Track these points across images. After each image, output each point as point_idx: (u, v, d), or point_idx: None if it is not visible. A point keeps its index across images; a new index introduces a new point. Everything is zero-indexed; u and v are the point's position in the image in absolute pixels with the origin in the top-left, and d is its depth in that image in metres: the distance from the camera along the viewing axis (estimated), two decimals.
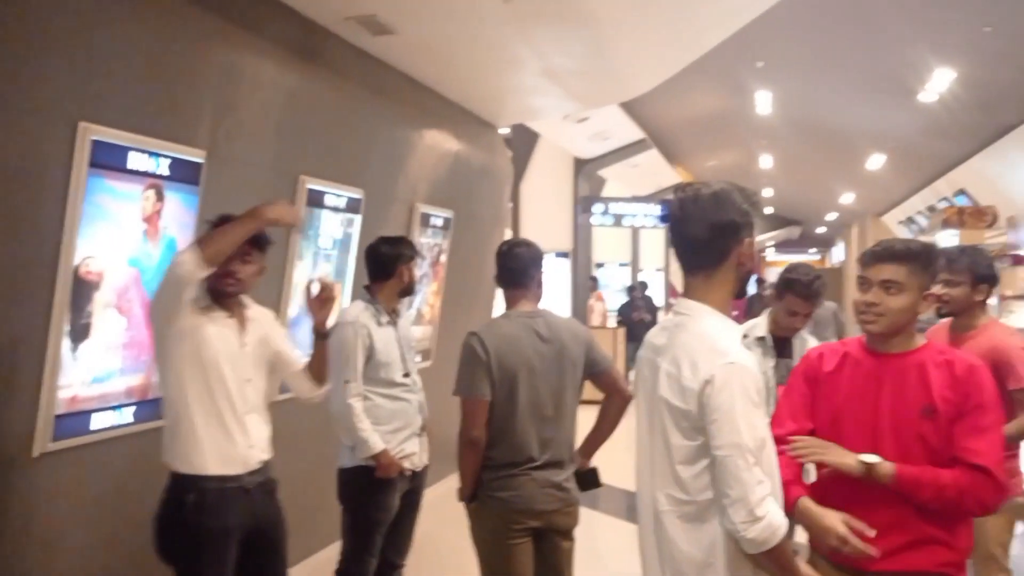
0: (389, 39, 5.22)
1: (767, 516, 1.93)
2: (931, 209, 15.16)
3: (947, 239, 10.32)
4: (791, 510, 2.39)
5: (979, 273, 3.55)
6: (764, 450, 2.00)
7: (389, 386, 3.91)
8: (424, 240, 6.56)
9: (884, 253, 2.38)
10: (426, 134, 6.44)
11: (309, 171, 4.87)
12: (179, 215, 3.91)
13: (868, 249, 2.44)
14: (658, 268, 21.84)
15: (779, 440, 2.45)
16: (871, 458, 2.30)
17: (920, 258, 2.36)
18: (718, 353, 2.00)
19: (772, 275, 32.07)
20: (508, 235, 11.25)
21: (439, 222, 6.74)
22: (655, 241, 21.41)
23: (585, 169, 13.04)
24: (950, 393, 2.29)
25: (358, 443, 3.79)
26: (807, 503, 2.35)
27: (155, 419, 3.90)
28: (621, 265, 15.62)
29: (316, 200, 4.96)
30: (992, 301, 10.02)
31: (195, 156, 3.94)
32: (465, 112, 7.17)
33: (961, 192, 12.93)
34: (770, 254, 34.31)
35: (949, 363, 2.33)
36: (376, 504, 3.85)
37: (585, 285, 13.61)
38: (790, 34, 8.56)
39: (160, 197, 3.77)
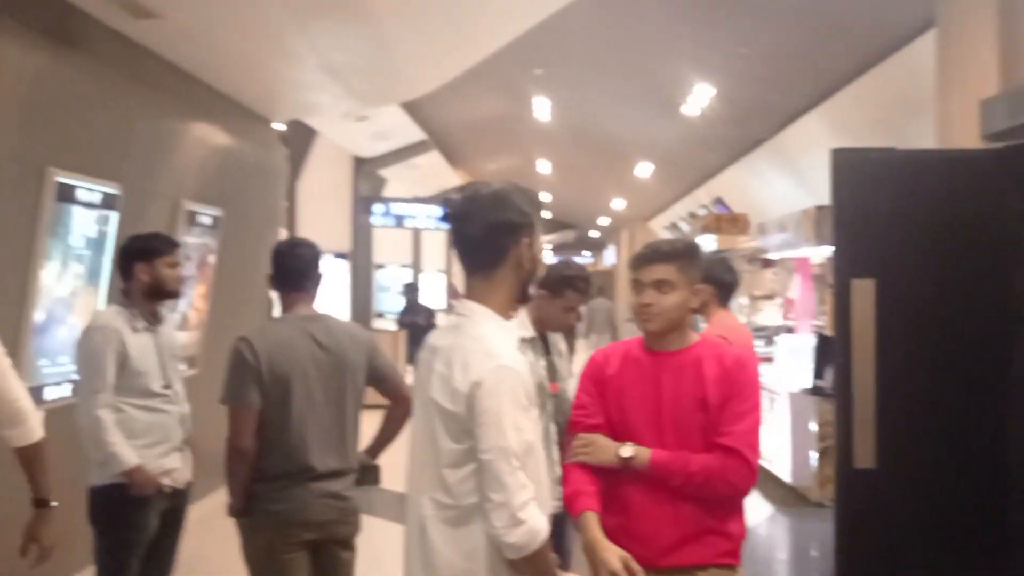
0: (152, 24, 4.86)
1: (528, 521, 1.94)
2: (692, 215, 16.24)
3: (706, 243, 11.09)
4: (574, 515, 2.44)
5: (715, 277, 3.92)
6: (531, 455, 2.00)
7: (145, 396, 3.54)
8: (191, 240, 6.17)
9: (653, 255, 2.44)
10: (193, 127, 6.07)
11: (58, 163, 4.43)
12: None
13: (637, 252, 2.51)
14: (440, 269, 21.99)
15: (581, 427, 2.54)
16: (627, 451, 2.38)
17: (686, 255, 2.45)
18: (489, 355, 1.98)
19: None
20: (283, 235, 10.89)
21: (207, 220, 6.36)
22: (437, 242, 21.54)
23: (365, 168, 12.87)
24: (720, 385, 2.40)
25: (108, 458, 3.42)
26: (592, 525, 2.37)
27: None
28: (402, 266, 15.54)
29: (66, 195, 4.51)
30: (744, 300, 10.88)
31: None
32: (237, 105, 6.83)
33: (718, 200, 13.95)
34: (547, 256, 35.58)
35: (720, 356, 2.45)
36: (130, 524, 3.50)
37: (365, 286, 13.42)
38: (566, 43, 8.86)
39: None
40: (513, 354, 2.03)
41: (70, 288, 4.71)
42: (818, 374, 6.29)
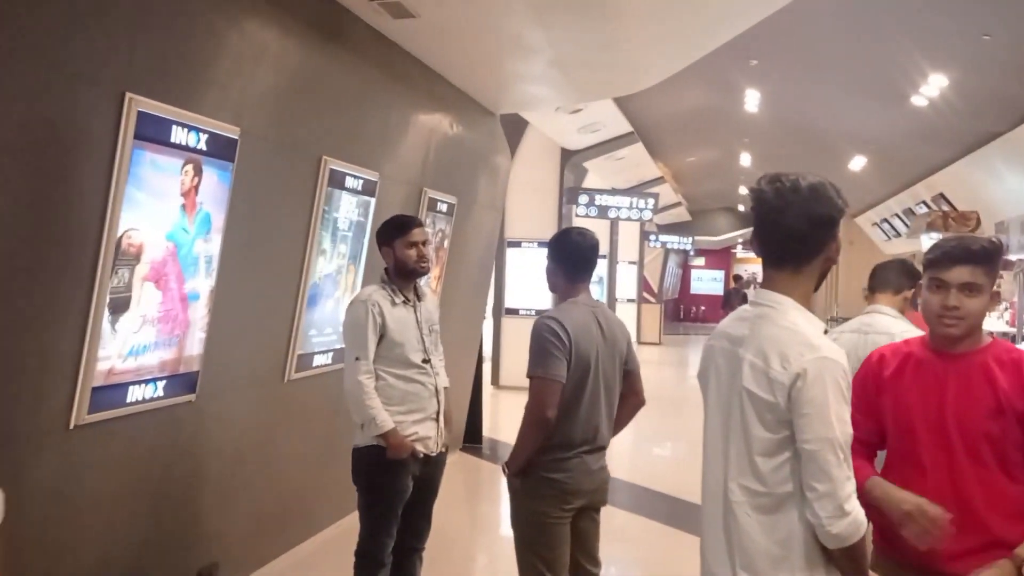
0: (407, 22, 5.23)
1: (854, 512, 1.96)
2: (908, 212, 15.42)
3: (930, 243, 10.53)
4: (861, 490, 2.42)
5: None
6: (851, 447, 2.02)
7: (404, 367, 3.82)
8: (430, 225, 6.59)
9: (963, 255, 2.37)
10: (433, 119, 6.46)
11: (330, 152, 4.88)
12: (215, 191, 3.91)
13: (939, 250, 2.43)
14: (631, 261, 22.00)
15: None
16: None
17: (994, 258, 2.39)
18: (810, 347, 1.99)
19: (743, 272, 32.52)
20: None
21: (444, 207, 6.77)
22: (632, 234, 21.56)
23: (572, 160, 13.10)
24: (1015, 393, 2.32)
25: (367, 421, 3.74)
26: (879, 480, 2.40)
27: (186, 393, 3.94)
28: (601, 257, 15.72)
29: (337, 181, 4.98)
30: None
31: (231, 132, 3.94)
32: (467, 98, 7.19)
33: (940, 196, 13.18)
34: (739, 251, 34.67)
35: (1016, 362, 2.36)
36: (387, 485, 3.81)
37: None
38: (787, 34, 8.66)
39: (198, 172, 3.77)
40: (832, 345, 2.04)
41: (336, 266, 5.18)
42: None
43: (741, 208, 28.84)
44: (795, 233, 2.06)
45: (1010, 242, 7.56)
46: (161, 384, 3.78)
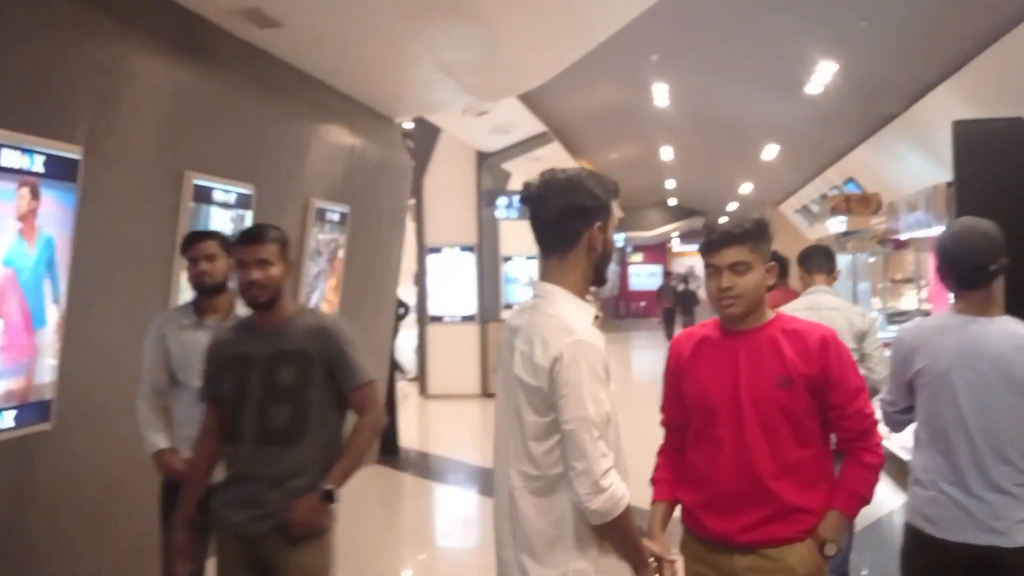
0: (276, 32, 5.16)
1: (610, 488, 2.04)
2: (823, 197, 15.71)
3: (836, 226, 10.71)
4: (655, 497, 2.59)
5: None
6: (610, 425, 2.10)
7: (186, 391, 3.49)
8: (321, 236, 6.52)
9: (724, 238, 2.43)
10: (320, 128, 6.39)
11: (195, 167, 4.78)
12: (57, 213, 3.80)
13: (707, 237, 2.49)
14: None
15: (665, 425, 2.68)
16: (831, 549, 2.38)
17: (755, 234, 2.44)
18: (567, 331, 2.08)
19: (679, 266, 32.79)
20: (410, 229, 11.23)
21: (336, 217, 6.69)
22: None
23: (488, 163, 13.07)
24: (801, 360, 2.39)
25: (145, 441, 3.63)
26: (657, 509, 2.55)
27: (38, 422, 3.82)
28: (528, 258, 15.71)
29: (203, 196, 4.88)
30: (881, 284, 10.43)
31: (71, 152, 3.83)
32: (360, 106, 7.14)
33: (850, 180, 13.43)
34: (675, 245, 35.02)
35: (798, 331, 2.44)
36: (164, 506, 3.50)
37: (493, 279, 13.66)
38: (681, 27, 8.77)
39: (35, 195, 3.66)
40: (589, 329, 2.12)
41: None
42: None
43: (672, 202, 29.18)
44: (549, 222, 2.18)
45: (900, 222, 7.72)
46: (10, 414, 3.65)
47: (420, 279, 13.06)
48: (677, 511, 2.59)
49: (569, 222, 2.17)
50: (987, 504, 2.54)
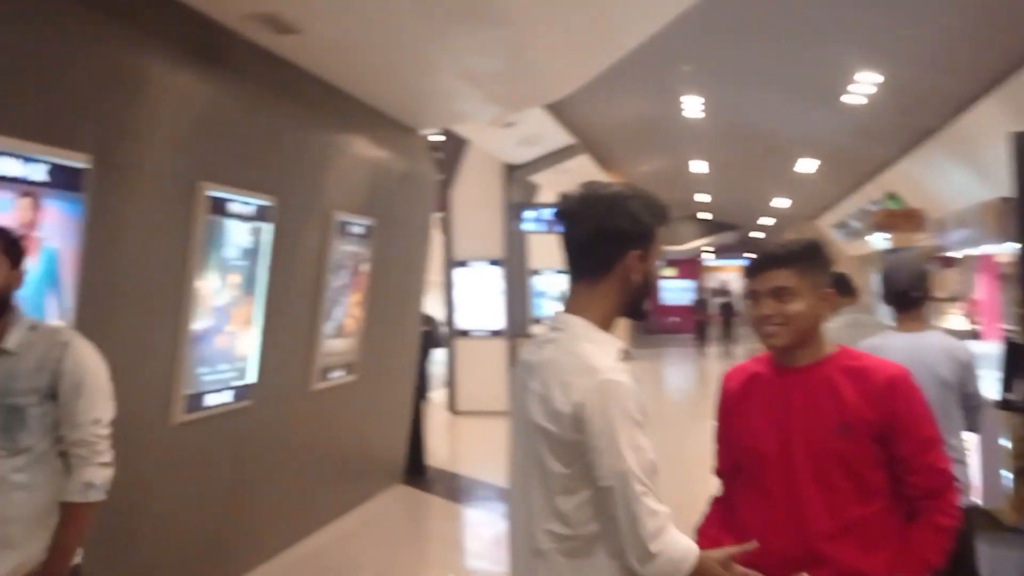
0: (295, 38, 5.00)
1: (663, 551, 1.76)
2: (863, 212, 15.35)
3: (879, 242, 10.38)
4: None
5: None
6: (655, 475, 1.81)
7: None
8: (345, 248, 6.34)
9: (766, 260, 2.18)
10: (343, 139, 6.22)
11: (211, 177, 4.61)
12: (62, 225, 3.64)
13: (751, 259, 2.26)
14: None
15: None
16: None
17: (804, 256, 2.17)
18: (589, 371, 1.80)
19: (712, 281, 32.41)
20: (437, 241, 11.06)
21: (359, 230, 6.51)
22: None
23: (516, 175, 12.88)
24: (865, 403, 2.10)
25: None
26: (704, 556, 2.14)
27: None
28: (557, 272, 15.48)
29: (219, 208, 4.70)
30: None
31: (78, 161, 3.67)
32: (384, 117, 6.96)
33: (891, 195, 13.08)
34: (709, 259, 34.61)
35: (863, 369, 2.15)
36: None
37: (521, 293, 13.45)
38: (715, 37, 8.53)
39: (37, 206, 3.50)
40: (615, 365, 1.84)
41: (228, 297, 4.91)
42: (1007, 386, 5.63)
43: (704, 216, 28.84)
44: (581, 244, 1.92)
45: (947, 239, 7.40)
46: None
47: (447, 293, 12.88)
48: None
49: (603, 246, 1.89)
50: None
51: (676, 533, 1.80)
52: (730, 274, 33.51)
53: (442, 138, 11.95)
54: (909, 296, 3.57)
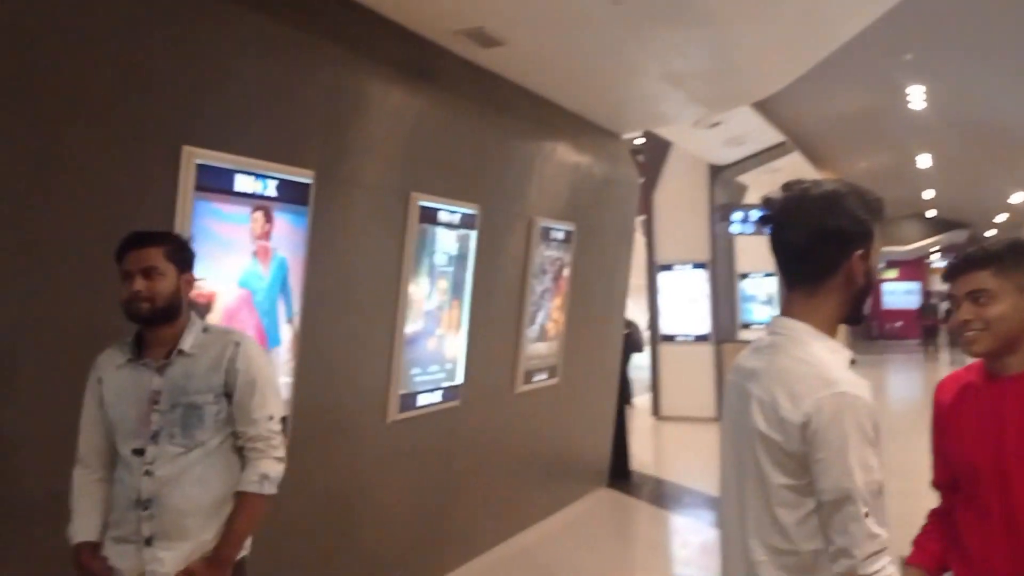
0: (499, 51, 5.15)
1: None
2: None
3: None
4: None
5: None
6: (881, 496, 1.72)
7: (117, 456, 2.67)
8: (547, 254, 6.45)
9: (962, 263, 2.09)
10: (544, 146, 6.34)
11: (421, 188, 4.85)
12: (289, 235, 3.95)
13: (949, 262, 2.15)
14: None
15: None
16: None
17: (1003, 257, 2.04)
18: (825, 381, 1.73)
19: (939, 283, 30.18)
20: (640, 245, 10.99)
21: (560, 235, 6.61)
22: None
23: (722, 176, 12.57)
24: None
25: None
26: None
27: None
28: (766, 275, 14.96)
29: (429, 217, 4.94)
30: None
31: (303, 177, 3.97)
32: (585, 122, 7.02)
33: None
34: (935, 260, 32.27)
35: None
36: None
37: (728, 297, 13.13)
38: (939, 21, 7.95)
39: (269, 218, 3.82)
40: (852, 378, 1.76)
41: (437, 302, 5.13)
42: None
43: (930, 214, 26.90)
44: (797, 249, 1.82)
45: None
46: None
47: (651, 298, 12.78)
48: None
49: (824, 249, 1.80)
50: None
51: (892, 567, 1.71)
52: None
53: (642, 140, 11.89)
54: None
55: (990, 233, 28.74)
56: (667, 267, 12.58)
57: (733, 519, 1.87)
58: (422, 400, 5.05)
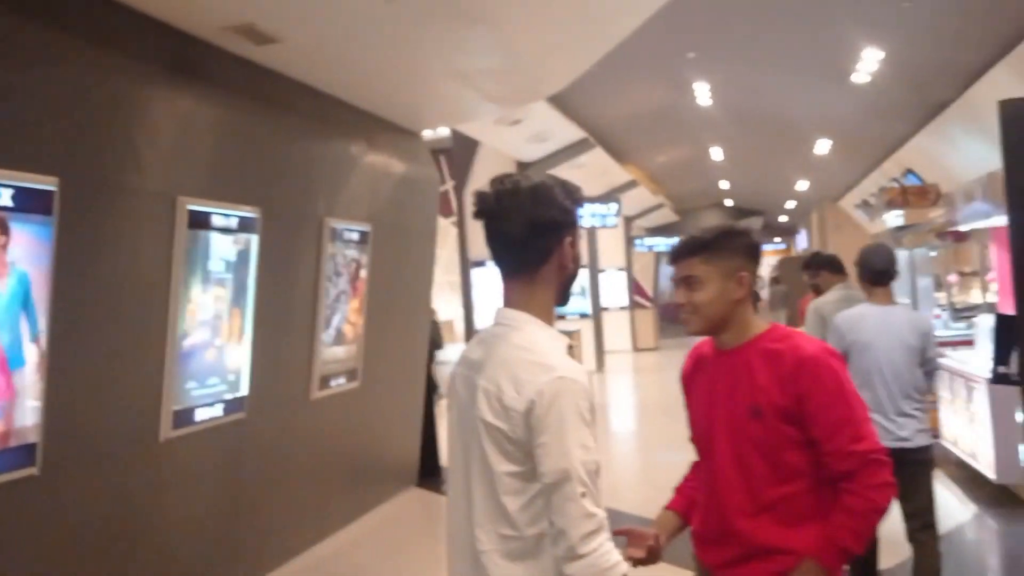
0: (276, 48, 4.97)
1: (591, 555, 1.73)
2: (882, 190, 15.08)
3: (893, 220, 10.19)
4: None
5: None
6: (597, 476, 1.80)
7: None
8: (343, 255, 6.31)
9: (676, 251, 2.31)
10: (333, 145, 6.19)
11: (190, 191, 4.60)
12: (31, 248, 3.63)
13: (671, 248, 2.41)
14: (620, 268, 21.69)
15: None
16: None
17: (710, 245, 2.25)
18: (544, 368, 1.81)
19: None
20: (454, 242, 11.00)
21: (355, 236, 6.48)
22: (617, 240, 21.25)
23: (529, 172, 12.81)
24: (773, 387, 2.15)
25: None
26: (658, 519, 2.43)
27: (23, 467, 3.66)
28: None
29: (200, 222, 4.69)
30: (952, 278, 9.81)
31: (44, 184, 3.66)
32: (379, 120, 6.92)
33: (909, 171, 12.82)
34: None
35: (776, 352, 2.19)
36: None
37: None
38: (715, 21, 8.40)
39: (4, 230, 3.49)
40: (570, 364, 1.85)
41: (214, 311, 4.89)
42: (1000, 359, 5.40)
43: (728, 203, 28.52)
44: (515, 239, 1.92)
45: (958, 213, 7.22)
46: None
47: (465, 294, 12.84)
48: None
49: (539, 239, 1.91)
50: (897, 423, 4.04)
51: (610, 544, 1.77)
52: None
53: (448, 136, 11.90)
54: (883, 275, 4.30)
55: (783, 219, 30.83)
56: (480, 263, 12.68)
57: (460, 512, 1.90)
58: (200, 415, 4.79)
